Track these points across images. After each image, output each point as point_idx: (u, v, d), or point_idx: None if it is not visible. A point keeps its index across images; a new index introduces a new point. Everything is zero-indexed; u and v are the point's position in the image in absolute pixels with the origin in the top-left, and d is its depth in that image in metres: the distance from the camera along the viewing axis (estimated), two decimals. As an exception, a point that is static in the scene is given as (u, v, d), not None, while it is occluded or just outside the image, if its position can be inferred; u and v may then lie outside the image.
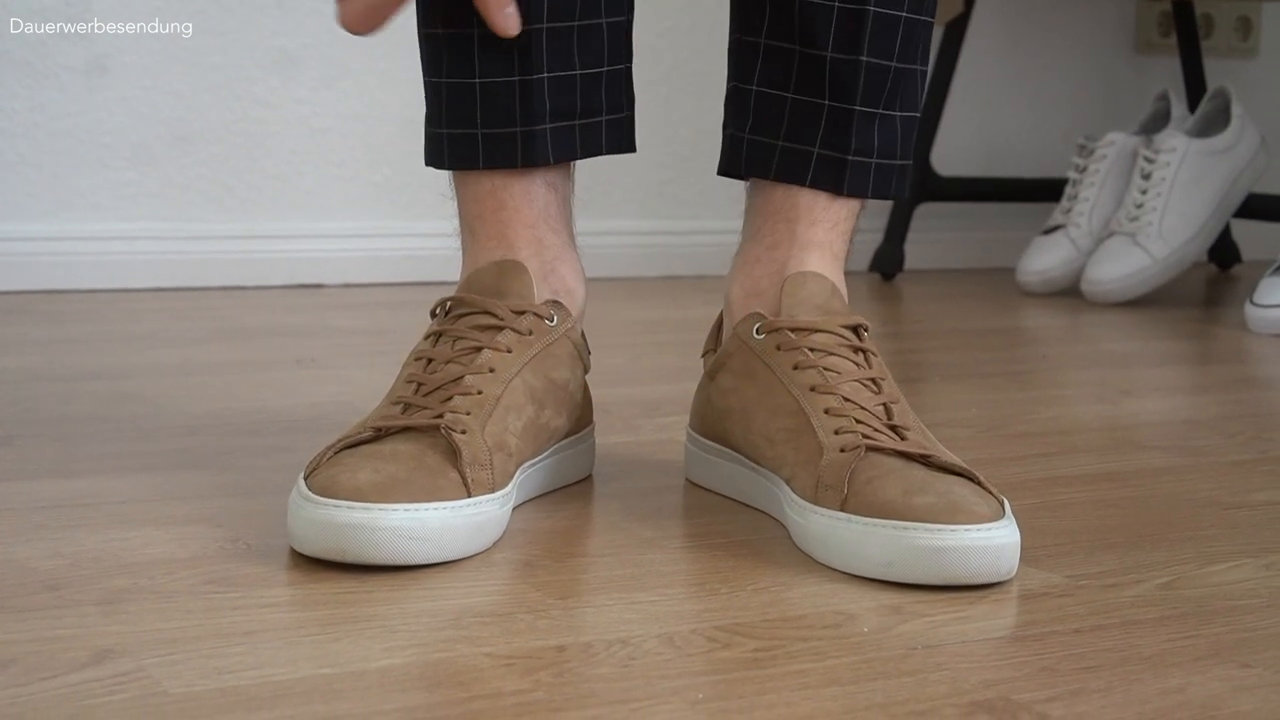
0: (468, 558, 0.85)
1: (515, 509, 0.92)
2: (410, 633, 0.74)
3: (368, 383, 1.22)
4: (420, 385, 0.91)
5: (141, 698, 0.65)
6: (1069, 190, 2.14)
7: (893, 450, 0.89)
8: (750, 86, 1.00)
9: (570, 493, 1.01)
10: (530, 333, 0.94)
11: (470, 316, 0.94)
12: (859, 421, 0.91)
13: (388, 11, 0.90)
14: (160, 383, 1.32)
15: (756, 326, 0.97)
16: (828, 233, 0.99)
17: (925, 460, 0.89)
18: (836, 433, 0.90)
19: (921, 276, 2.23)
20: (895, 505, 0.84)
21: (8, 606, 0.75)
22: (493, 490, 0.87)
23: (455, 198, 1.00)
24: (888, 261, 2.20)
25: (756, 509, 0.97)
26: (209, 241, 1.89)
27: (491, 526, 0.87)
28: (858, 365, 0.94)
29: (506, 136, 0.97)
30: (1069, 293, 2.06)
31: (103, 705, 0.64)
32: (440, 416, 0.88)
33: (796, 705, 0.67)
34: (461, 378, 0.90)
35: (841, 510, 0.86)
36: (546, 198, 0.99)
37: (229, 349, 1.52)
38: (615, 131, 1.01)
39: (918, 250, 2.26)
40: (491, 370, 0.91)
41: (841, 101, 0.97)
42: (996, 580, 0.84)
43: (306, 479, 0.85)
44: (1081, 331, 1.88)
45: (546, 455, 0.98)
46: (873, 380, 0.94)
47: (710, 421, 1.01)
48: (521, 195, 0.98)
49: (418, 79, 1.00)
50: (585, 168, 1.03)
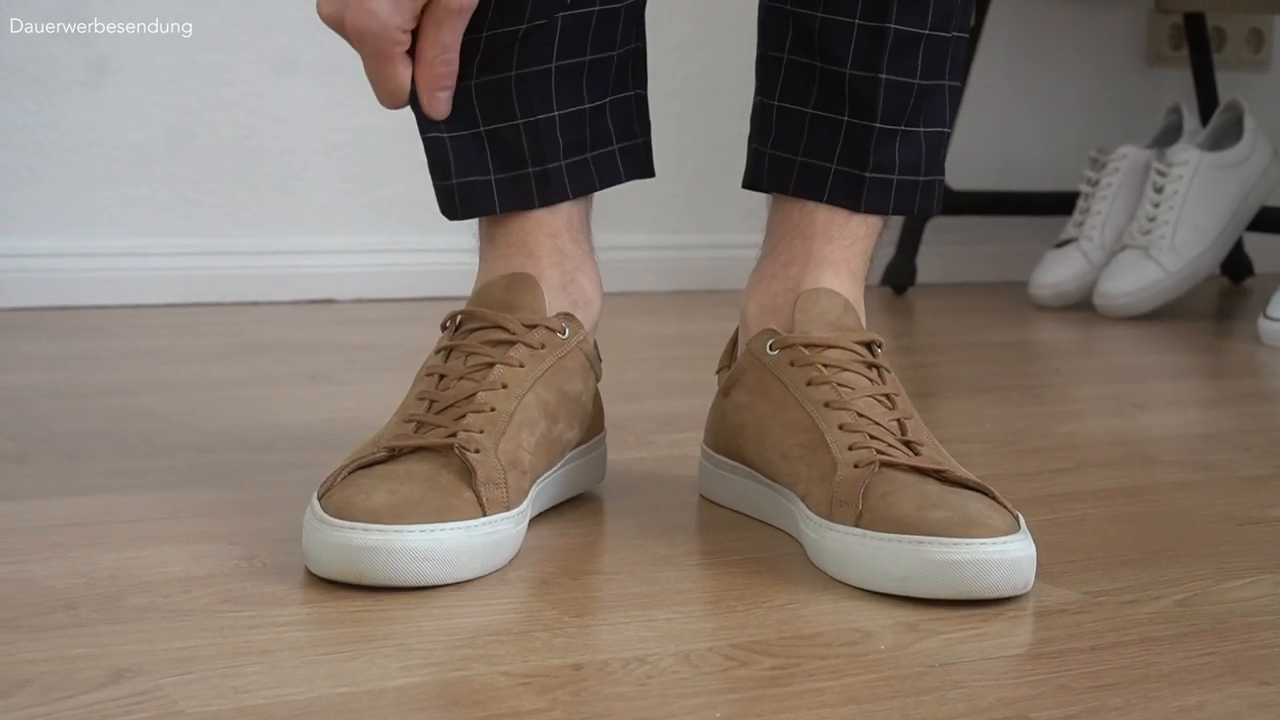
0: (484, 576, 0.85)
1: (530, 525, 0.92)
2: (427, 651, 0.74)
3: (380, 398, 1.22)
4: (433, 402, 0.91)
5: (158, 718, 0.65)
6: (1081, 204, 2.14)
7: (907, 466, 0.89)
8: (773, 101, 1.00)
9: (585, 509, 1.01)
10: (542, 346, 0.94)
11: (481, 331, 0.94)
12: (873, 437, 0.90)
13: (402, 77, 0.92)
14: (173, 399, 1.32)
15: (770, 343, 0.97)
16: (845, 250, 0.99)
17: (939, 475, 0.89)
18: (850, 448, 0.90)
19: (933, 290, 2.23)
20: (910, 520, 0.84)
21: (24, 626, 0.75)
22: (507, 508, 0.87)
23: None
24: (900, 275, 2.20)
25: (771, 525, 0.97)
26: (220, 257, 1.89)
27: (507, 545, 0.87)
28: (871, 381, 0.94)
29: (520, 178, 0.96)
30: (1081, 306, 2.05)
31: (120, 725, 0.64)
32: (454, 435, 0.88)
33: (814, 724, 0.67)
34: (474, 395, 0.90)
35: (856, 526, 0.86)
36: (570, 208, 0.98)
37: (241, 365, 1.52)
38: (632, 157, 1.01)
39: (930, 264, 2.26)
40: (504, 386, 0.91)
41: (861, 118, 0.97)
42: (1013, 594, 0.83)
43: (320, 499, 0.85)
44: (1094, 345, 1.88)
45: (559, 467, 0.98)
46: (886, 396, 0.94)
47: (725, 437, 1.01)
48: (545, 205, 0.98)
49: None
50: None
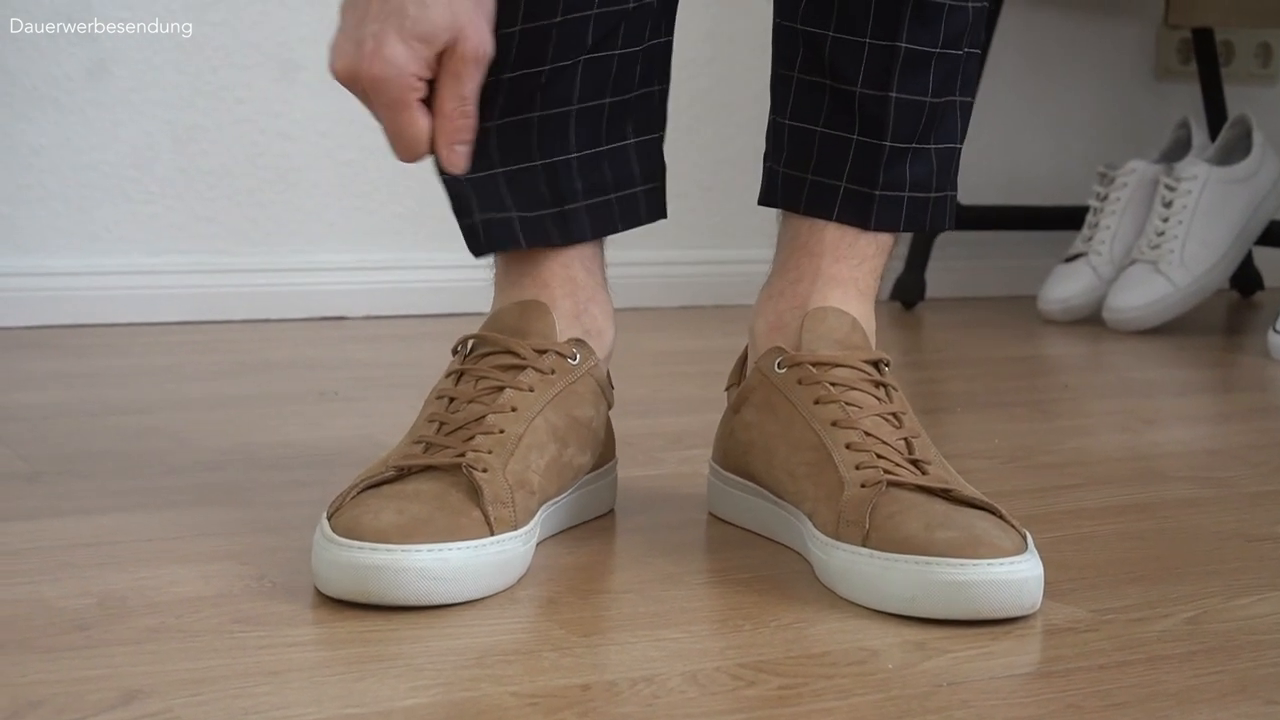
0: (492, 595, 0.85)
1: (538, 545, 0.92)
2: (435, 671, 0.75)
3: (390, 416, 1.22)
4: (442, 424, 0.91)
5: (169, 739, 0.65)
6: (1090, 218, 2.14)
7: (914, 485, 0.89)
8: (785, 120, 1.01)
9: (593, 528, 1.01)
10: (553, 371, 0.95)
11: (492, 356, 0.95)
12: (880, 456, 0.91)
13: (420, 126, 0.87)
14: (185, 417, 1.32)
15: (778, 361, 0.97)
16: (853, 269, 0.99)
17: (946, 495, 0.89)
18: (858, 468, 0.90)
19: (942, 305, 2.23)
20: (917, 540, 0.84)
21: (37, 647, 0.76)
22: (515, 528, 0.87)
23: None
24: (909, 290, 2.20)
25: (779, 543, 0.97)
26: (232, 275, 1.90)
27: (515, 564, 0.87)
28: (879, 400, 0.94)
29: (541, 219, 0.97)
30: (1091, 321, 2.05)
31: (131, 746, 0.65)
32: (462, 455, 0.88)
33: (821, 744, 0.67)
34: (484, 417, 0.91)
35: (863, 546, 0.86)
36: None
37: (253, 382, 1.52)
38: (654, 199, 1.02)
39: (938, 279, 2.26)
40: (514, 409, 0.92)
41: (871, 137, 0.98)
42: (1020, 614, 0.84)
43: (329, 519, 0.85)
44: (1103, 360, 1.88)
45: (570, 492, 0.98)
46: (894, 415, 0.94)
47: (733, 455, 1.01)
48: None
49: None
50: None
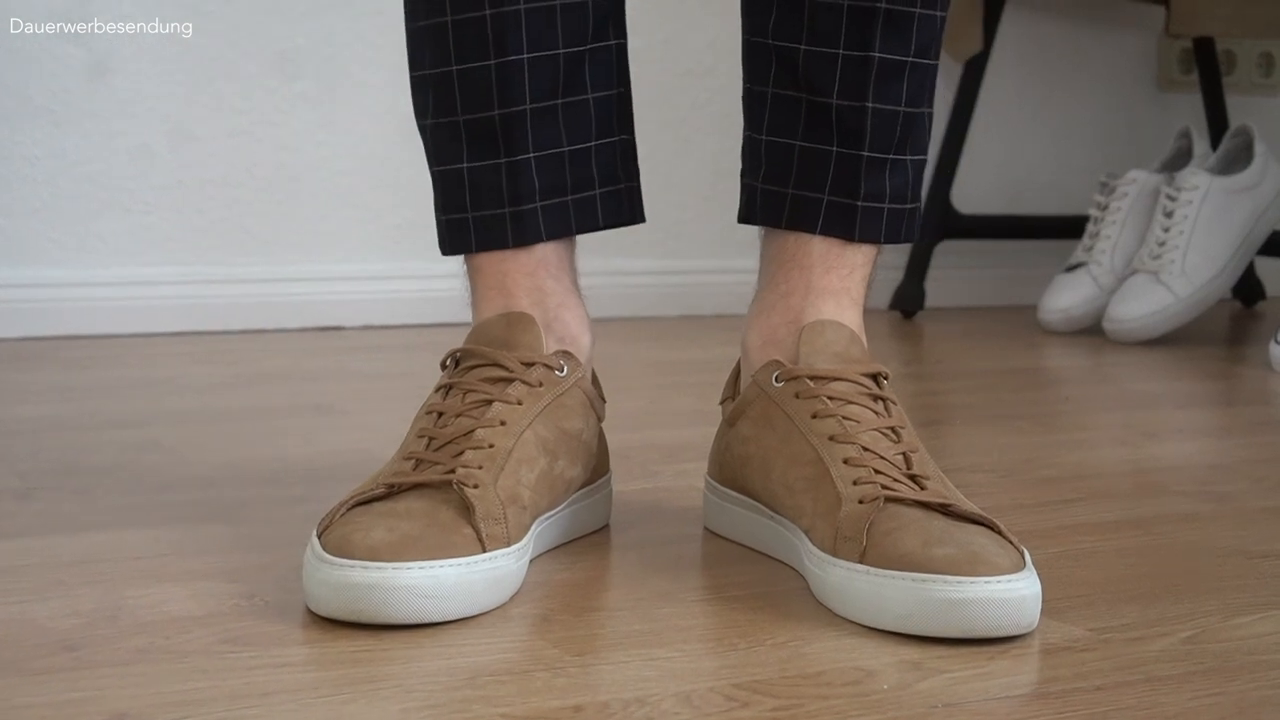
0: (485, 613, 0.84)
1: (532, 561, 0.91)
2: (426, 693, 0.74)
3: (386, 429, 1.21)
4: (431, 440, 0.91)
5: (155, 762, 0.65)
6: (1091, 228, 2.13)
7: (912, 500, 0.88)
8: (761, 136, 1.00)
9: (587, 543, 1.00)
10: (540, 384, 0.94)
11: (480, 369, 0.94)
12: (878, 471, 0.90)
13: None
14: (180, 431, 1.32)
15: (775, 374, 0.96)
16: (844, 279, 0.99)
17: (945, 510, 0.88)
18: (855, 483, 0.89)
19: (942, 314, 2.23)
20: (914, 557, 0.84)
21: (25, 669, 0.75)
22: (508, 544, 0.87)
23: None
24: (908, 299, 2.20)
25: (775, 559, 0.96)
26: (229, 285, 1.89)
27: (508, 581, 0.86)
28: (877, 414, 0.94)
29: (496, 218, 0.98)
30: (1091, 331, 2.05)
31: (116, 770, 0.64)
32: (452, 472, 0.88)
33: (815, 768, 0.66)
34: (472, 431, 0.90)
35: (860, 562, 0.86)
36: (546, 246, 0.99)
37: (249, 395, 1.52)
38: (613, 203, 1.01)
39: (938, 288, 2.25)
40: (502, 423, 0.91)
41: (850, 148, 0.97)
42: (1017, 633, 0.83)
43: (320, 537, 0.84)
44: (1104, 371, 1.87)
45: (563, 507, 0.97)
46: (892, 429, 0.93)
47: (729, 469, 1.01)
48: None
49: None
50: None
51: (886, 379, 0.96)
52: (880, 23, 0.95)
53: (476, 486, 0.87)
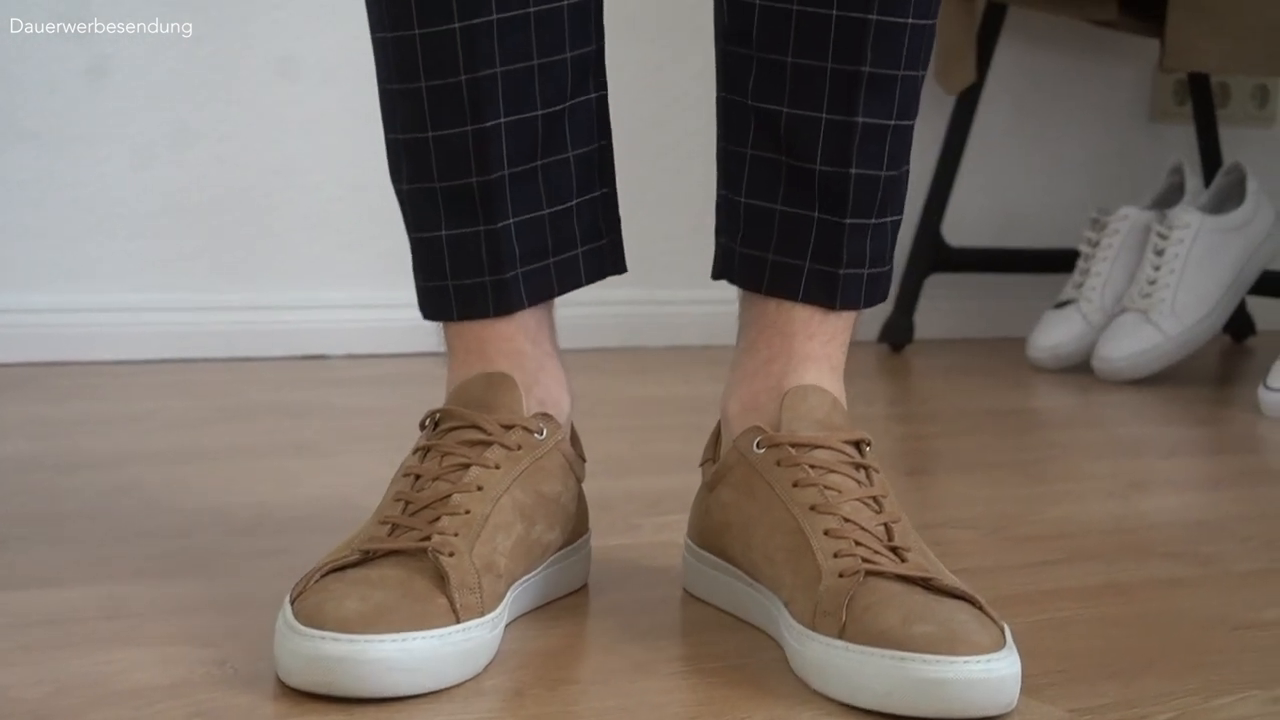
0: (457, 685, 0.83)
1: (508, 625, 0.90)
2: (394, 776, 0.73)
3: (366, 474, 1.20)
4: (408, 504, 0.90)
5: None
6: (1081, 265, 2.12)
7: (893, 574, 0.87)
8: (739, 198, 0.99)
9: (564, 606, 0.99)
10: (519, 447, 0.93)
11: (458, 430, 0.93)
12: (859, 544, 0.89)
13: None
14: (158, 472, 1.30)
15: (756, 440, 0.95)
16: (825, 345, 0.98)
17: (926, 584, 0.87)
18: (836, 555, 0.88)
19: (931, 347, 2.22)
20: (894, 634, 0.83)
21: (-14, 745, 0.74)
22: (482, 614, 0.85)
23: None
24: (897, 332, 2.19)
25: (754, 625, 0.95)
26: (213, 313, 1.88)
27: (481, 652, 0.85)
28: (859, 483, 0.93)
29: (477, 287, 0.96)
30: (1079, 369, 2.04)
31: None
32: (428, 539, 0.86)
33: None
34: (449, 496, 0.89)
35: (839, 638, 0.85)
36: (524, 311, 0.98)
37: (229, 431, 1.51)
38: (595, 260, 1.00)
39: (928, 320, 2.25)
40: (479, 488, 0.90)
41: (832, 214, 0.96)
42: (996, 713, 0.82)
43: (293, 604, 0.83)
44: (1092, 413, 1.86)
45: (540, 570, 0.96)
46: (874, 499, 0.92)
47: (709, 534, 1.00)
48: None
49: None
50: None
51: (869, 445, 0.95)
52: (864, 87, 0.94)
53: (452, 554, 0.86)
